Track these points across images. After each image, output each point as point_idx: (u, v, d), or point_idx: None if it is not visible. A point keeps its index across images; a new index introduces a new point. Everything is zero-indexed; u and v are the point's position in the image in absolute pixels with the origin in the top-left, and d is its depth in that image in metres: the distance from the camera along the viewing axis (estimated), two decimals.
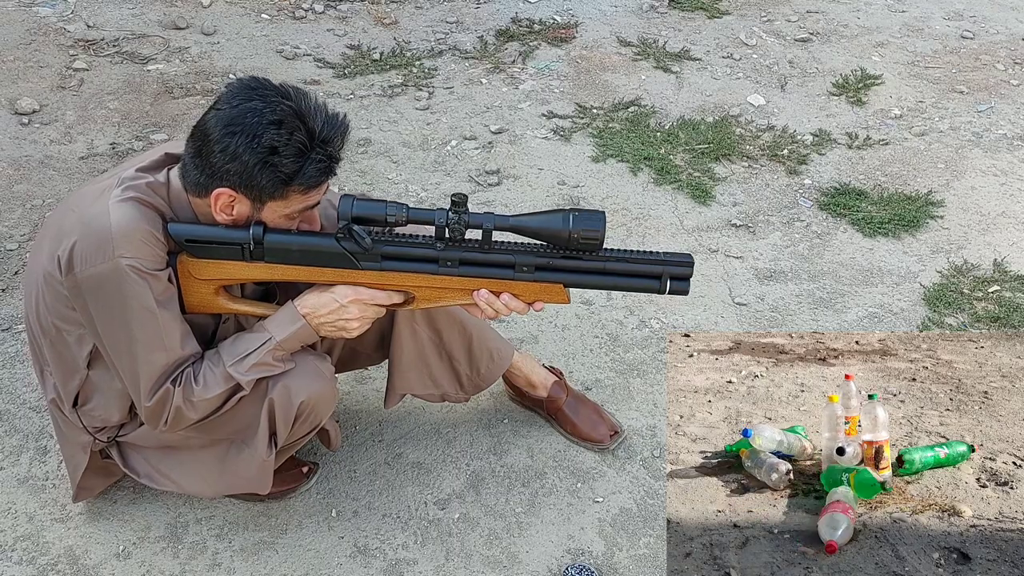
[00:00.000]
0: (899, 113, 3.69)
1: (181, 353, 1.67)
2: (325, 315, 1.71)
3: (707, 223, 3.06)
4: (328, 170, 1.58)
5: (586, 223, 1.57)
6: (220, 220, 1.62)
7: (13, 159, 3.10)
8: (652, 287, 1.65)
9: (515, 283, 1.67)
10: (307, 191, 1.59)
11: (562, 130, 3.47)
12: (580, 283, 1.67)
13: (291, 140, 1.52)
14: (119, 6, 4.03)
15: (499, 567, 2.00)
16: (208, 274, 1.66)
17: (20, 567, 1.93)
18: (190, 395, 1.67)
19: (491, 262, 1.66)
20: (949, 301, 2.78)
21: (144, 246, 1.58)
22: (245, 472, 1.84)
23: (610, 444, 2.24)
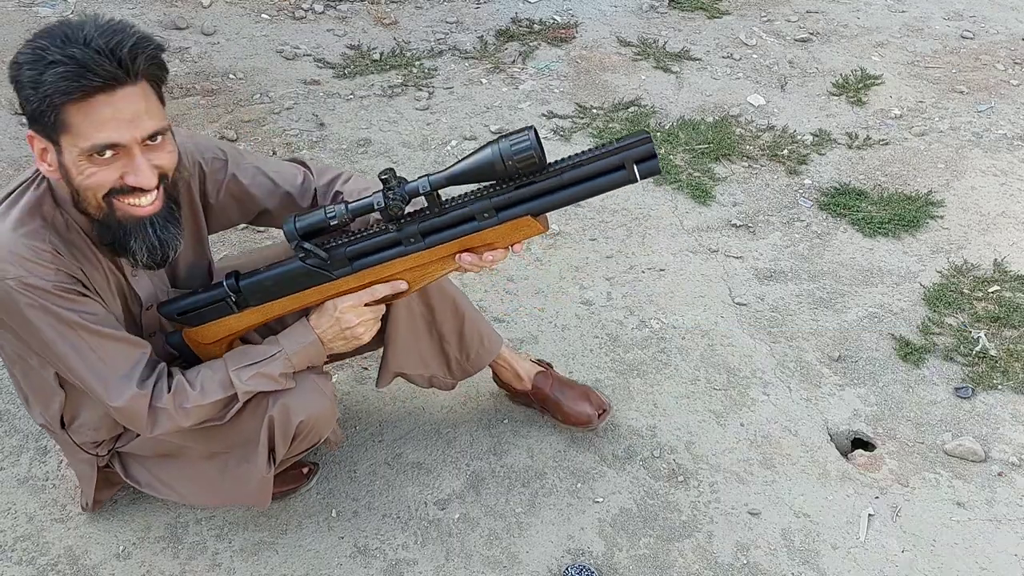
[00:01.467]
0: (899, 113, 3.69)
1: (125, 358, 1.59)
2: (329, 329, 1.70)
3: (707, 223, 3.06)
4: (73, 74, 1.34)
5: (515, 144, 1.47)
6: (46, 173, 1.48)
7: (13, 159, 3.09)
8: (622, 179, 1.52)
9: (484, 232, 1.58)
10: (75, 106, 1.36)
11: (562, 130, 3.47)
12: (547, 205, 1.56)
13: (32, 47, 1.37)
14: (119, 6, 4.03)
15: (499, 567, 2.00)
16: (212, 336, 1.73)
17: (20, 567, 1.93)
18: (183, 401, 1.62)
19: (451, 222, 1.59)
20: (949, 301, 2.78)
21: (33, 264, 1.48)
22: (244, 486, 1.83)
23: (598, 423, 2.23)
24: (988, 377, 2.53)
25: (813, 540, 2.10)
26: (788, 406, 2.43)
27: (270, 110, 3.45)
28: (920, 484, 2.25)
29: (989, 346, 2.61)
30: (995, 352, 2.59)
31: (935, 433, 2.38)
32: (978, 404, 2.46)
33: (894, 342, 2.64)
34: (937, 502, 2.20)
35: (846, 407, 2.44)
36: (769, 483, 2.22)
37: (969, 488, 2.24)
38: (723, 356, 2.56)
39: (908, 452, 2.33)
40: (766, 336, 2.64)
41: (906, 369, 2.56)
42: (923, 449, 2.34)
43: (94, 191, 1.46)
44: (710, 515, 2.14)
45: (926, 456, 2.32)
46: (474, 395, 2.38)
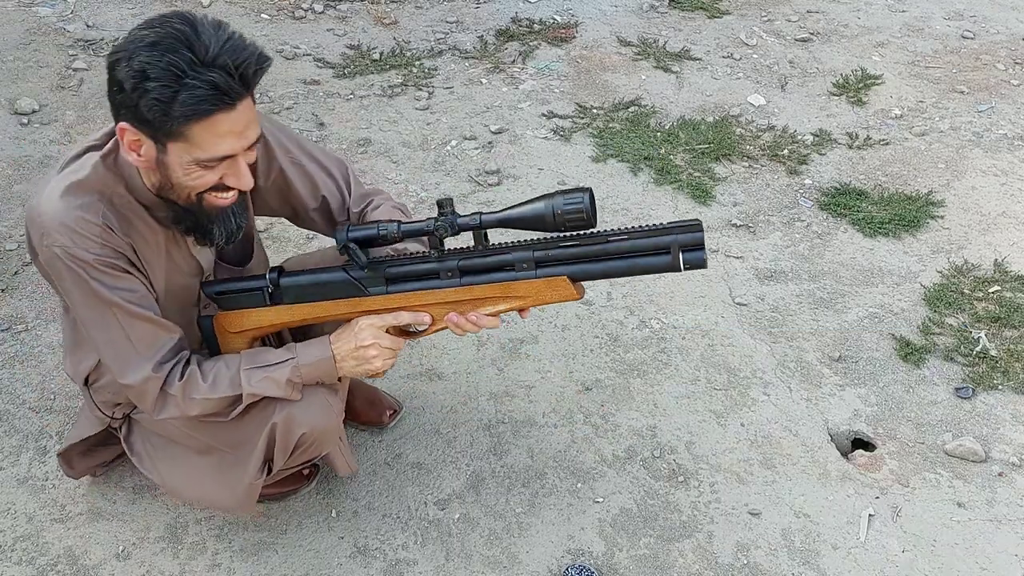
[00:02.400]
0: (899, 113, 3.68)
1: (150, 341, 1.62)
2: (344, 346, 1.69)
3: (707, 223, 3.06)
4: (214, 99, 1.39)
5: (568, 202, 1.51)
6: (134, 162, 1.51)
7: (13, 159, 3.09)
8: (665, 264, 1.54)
9: (518, 284, 1.61)
10: (199, 123, 1.41)
11: (562, 130, 3.46)
12: (586, 272, 1.59)
13: (162, 62, 1.37)
14: (119, 6, 4.02)
15: (499, 567, 2.00)
16: (238, 325, 1.74)
17: (20, 567, 1.93)
18: (192, 391, 1.64)
19: (490, 265, 1.63)
20: (949, 301, 2.78)
21: (79, 236, 1.51)
22: (229, 489, 1.82)
23: (390, 422, 2.26)
24: (988, 377, 2.52)
25: (813, 540, 2.10)
26: (788, 406, 2.42)
27: (270, 110, 3.44)
28: (920, 484, 2.24)
29: (989, 346, 2.60)
30: (995, 352, 2.59)
31: (935, 433, 2.38)
32: (978, 404, 2.46)
33: (894, 342, 2.64)
34: (937, 502, 2.20)
35: (846, 407, 2.44)
36: (769, 483, 2.22)
37: (969, 488, 2.24)
38: (723, 356, 2.56)
39: (908, 452, 2.33)
40: (766, 336, 2.64)
41: (906, 369, 2.56)
42: (923, 449, 2.34)
43: (194, 189, 1.52)
44: (710, 515, 2.14)
45: (926, 456, 2.32)
46: (474, 395, 2.38)
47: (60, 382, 2.32)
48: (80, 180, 1.54)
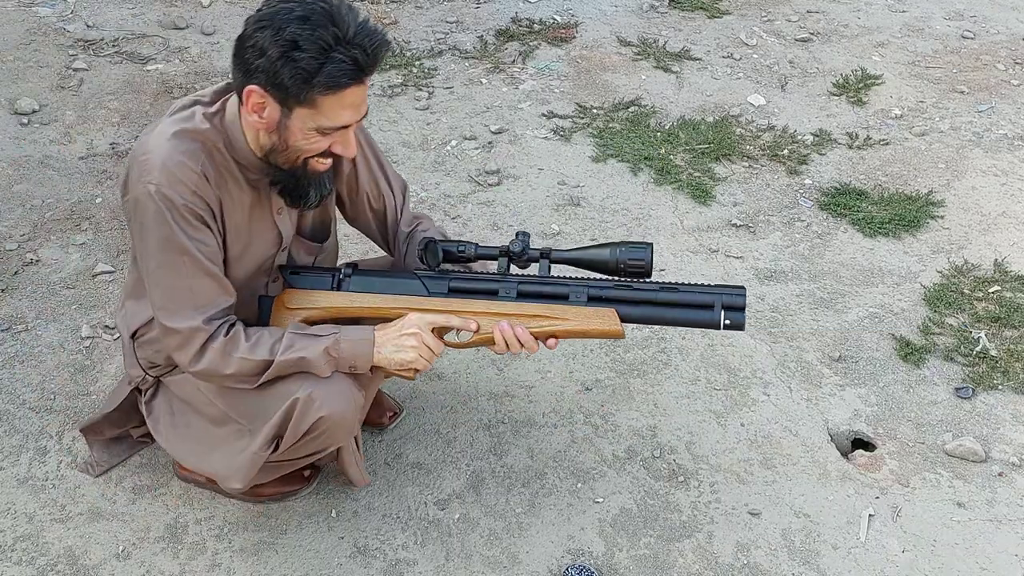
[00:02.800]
0: (899, 113, 3.68)
1: (209, 296, 1.68)
2: (389, 332, 1.74)
3: (707, 223, 3.06)
4: (353, 73, 1.52)
5: (631, 251, 1.70)
6: (253, 123, 1.61)
7: (13, 159, 3.09)
8: (707, 319, 1.69)
9: (569, 308, 1.73)
10: (333, 94, 1.53)
11: (562, 130, 3.46)
12: (633, 314, 1.73)
13: (314, 35, 1.49)
14: (119, 6, 4.03)
15: (499, 567, 2.00)
16: (296, 302, 1.80)
17: (20, 567, 1.93)
18: (233, 349, 1.68)
19: (545, 293, 1.76)
20: (949, 301, 2.78)
21: (176, 179, 1.59)
22: (231, 458, 1.84)
23: (389, 424, 2.28)
24: (988, 377, 2.52)
25: (813, 540, 2.10)
26: (788, 406, 2.42)
27: None
28: (920, 484, 2.24)
29: (989, 346, 2.60)
30: (995, 352, 2.59)
31: (935, 433, 2.38)
32: (978, 404, 2.46)
33: (894, 342, 2.64)
34: (937, 502, 2.20)
35: (846, 407, 2.44)
36: (769, 483, 2.22)
37: (969, 488, 2.24)
38: (723, 356, 2.56)
39: (908, 452, 2.33)
40: (766, 336, 2.64)
41: (906, 369, 2.56)
42: (923, 449, 2.34)
43: (305, 153, 1.63)
44: (710, 515, 2.14)
45: (926, 456, 2.32)
46: (474, 395, 2.38)
47: (60, 382, 2.33)
48: (188, 128, 1.64)
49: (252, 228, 1.77)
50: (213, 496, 2.08)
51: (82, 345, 2.43)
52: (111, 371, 2.36)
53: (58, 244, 2.75)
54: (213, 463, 1.88)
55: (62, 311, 2.53)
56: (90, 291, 2.60)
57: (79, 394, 2.30)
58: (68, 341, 2.44)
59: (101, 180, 3.03)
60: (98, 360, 2.39)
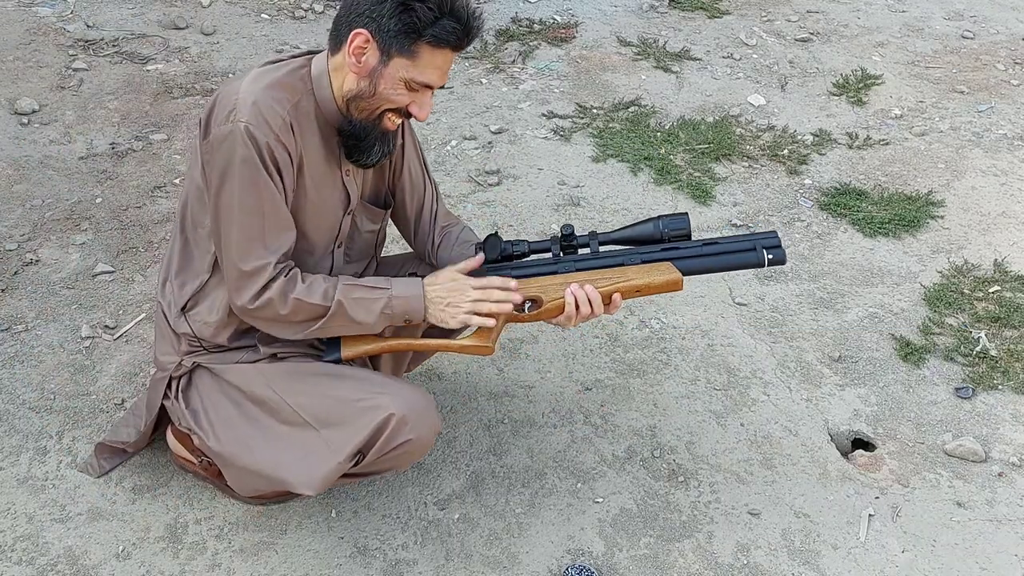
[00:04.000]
0: (899, 113, 3.69)
1: (280, 237, 1.71)
2: (439, 287, 1.78)
3: (707, 223, 3.06)
4: (459, 38, 1.62)
5: (673, 222, 1.83)
6: (348, 66, 1.67)
7: (13, 159, 3.09)
8: (752, 259, 1.82)
9: (628, 267, 1.83)
10: (434, 50, 1.62)
11: (562, 130, 3.46)
12: (686, 265, 1.83)
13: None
14: (119, 6, 4.03)
15: (499, 567, 2.00)
16: (356, 348, 1.81)
17: (20, 567, 1.93)
18: (291, 290, 1.71)
19: (602, 264, 1.86)
20: (949, 301, 2.78)
21: (265, 121, 1.64)
22: (310, 466, 1.77)
23: None
24: (988, 377, 2.52)
25: (813, 540, 2.10)
26: (788, 406, 2.42)
27: None
28: (920, 484, 2.24)
29: (989, 346, 2.60)
30: (995, 352, 2.59)
31: (935, 433, 2.38)
32: (978, 404, 2.46)
33: (894, 342, 2.64)
34: (937, 502, 2.20)
35: (846, 407, 2.44)
36: (769, 483, 2.22)
37: (969, 488, 2.24)
38: (723, 356, 2.56)
39: (908, 452, 2.33)
40: (766, 336, 2.64)
41: (906, 369, 2.56)
42: (923, 449, 2.34)
43: (386, 104, 1.70)
44: (710, 515, 2.14)
45: (926, 456, 2.32)
46: (474, 395, 2.38)
47: (60, 382, 2.33)
48: (280, 77, 1.69)
49: (325, 183, 1.80)
50: (213, 496, 2.08)
51: (82, 345, 2.43)
52: (111, 371, 2.36)
53: (58, 244, 2.75)
54: (282, 468, 1.80)
55: (62, 311, 2.53)
56: (90, 291, 2.60)
57: (79, 394, 2.30)
58: (68, 341, 2.44)
59: (101, 180, 3.03)
60: (98, 360, 2.39)
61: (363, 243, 1.97)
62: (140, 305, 2.56)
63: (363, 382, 1.80)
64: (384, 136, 1.77)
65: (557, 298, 1.81)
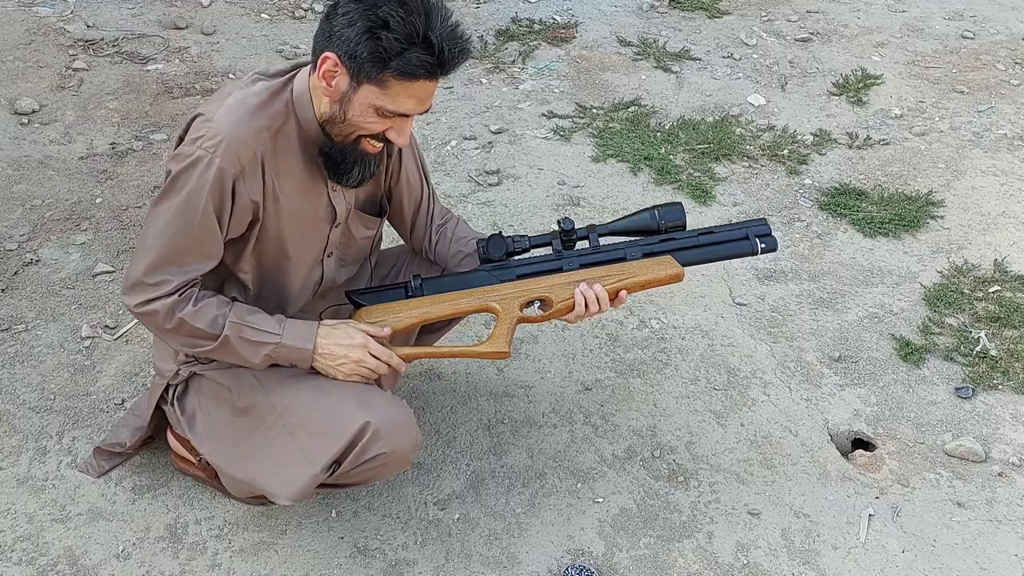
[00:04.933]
0: (899, 113, 3.68)
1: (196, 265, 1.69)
2: (334, 342, 1.77)
3: (707, 223, 3.05)
4: (430, 70, 1.56)
5: (669, 212, 1.90)
6: (320, 89, 1.64)
7: (13, 159, 3.09)
8: (746, 248, 1.90)
9: (630, 263, 1.89)
10: (404, 81, 1.57)
11: (562, 130, 3.46)
12: (685, 257, 1.91)
13: (405, 21, 1.52)
14: (119, 6, 4.02)
15: (499, 567, 2.00)
16: (378, 315, 1.86)
17: (20, 567, 1.93)
18: (179, 309, 1.68)
19: (605, 259, 1.91)
20: (949, 301, 2.78)
21: (232, 153, 1.61)
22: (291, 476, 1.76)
23: None
24: (988, 377, 2.52)
25: (813, 540, 2.10)
26: (788, 406, 2.42)
27: None
28: (920, 484, 2.24)
29: (989, 346, 2.60)
30: (995, 352, 2.59)
31: (935, 433, 2.38)
32: (978, 404, 2.46)
33: (894, 342, 2.64)
34: (937, 502, 2.20)
35: (846, 407, 2.44)
36: (769, 483, 2.22)
37: (969, 488, 2.24)
38: (723, 356, 2.56)
39: (908, 452, 2.33)
40: (766, 336, 2.64)
41: (906, 369, 2.56)
42: (923, 449, 2.34)
43: (360, 131, 1.67)
44: (710, 515, 2.14)
45: (926, 456, 2.32)
46: (474, 395, 2.38)
47: (60, 382, 2.33)
48: (261, 103, 1.67)
49: (307, 206, 1.78)
50: (213, 496, 2.08)
51: (82, 345, 2.43)
52: (111, 371, 2.36)
53: (58, 244, 2.75)
54: (261, 477, 1.81)
55: (62, 311, 2.53)
56: (90, 291, 2.60)
57: (79, 394, 2.30)
58: (68, 341, 2.44)
59: (101, 180, 3.03)
60: (98, 360, 2.39)
61: (358, 249, 1.98)
62: None
63: (348, 392, 1.78)
64: (364, 158, 1.73)
65: (566, 298, 1.86)
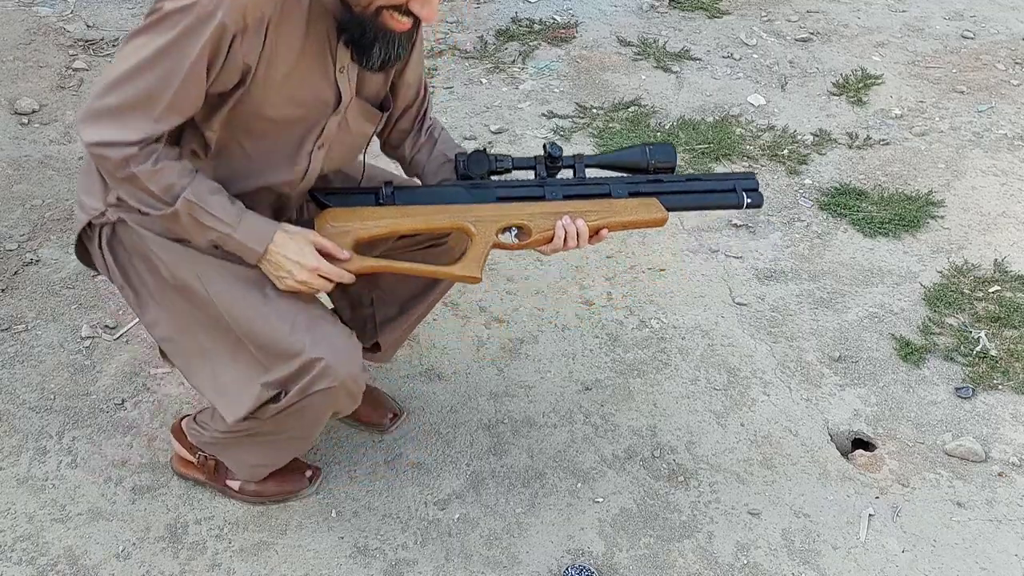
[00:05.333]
0: (899, 113, 3.68)
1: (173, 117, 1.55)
2: (286, 255, 1.65)
3: (707, 223, 3.06)
4: None
5: (660, 152, 1.85)
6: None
7: (13, 159, 3.09)
8: (732, 200, 1.86)
9: (616, 201, 1.83)
10: None
11: (562, 130, 3.46)
12: (671, 202, 1.85)
13: None
14: (119, 6, 4.02)
15: (499, 567, 2.00)
16: (342, 222, 1.74)
17: (20, 567, 1.93)
18: (137, 163, 1.54)
19: (589, 193, 1.84)
20: (949, 301, 2.78)
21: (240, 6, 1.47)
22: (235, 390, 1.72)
23: (389, 425, 2.25)
24: (988, 377, 2.52)
25: (813, 540, 2.10)
26: (788, 406, 2.42)
27: None
28: (920, 484, 2.24)
29: (990, 346, 2.60)
30: (995, 352, 2.59)
31: (935, 433, 2.38)
32: (978, 404, 2.46)
33: (894, 342, 2.64)
34: (937, 502, 2.20)
35: (846, 407, 2.44)
36: (769, 483, 2.22)
37: (969, 488, 2.24)
38: (723, 356, 2.56)
39: (908, 452, 2.33)
40: (766, 336, 2.64)
41: (906, 369, 2.56)
42: (923, 449, 2.34)
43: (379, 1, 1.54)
44: (710, 515, 2.14)
45: (926, 456, 2.32)
46: (474, 395, 2.38)
47: (60, 382, 2.33)
48: None
49: (307, 83, 1.65)
50: (213, 496, 2.08)
51: (82, 345, 2.43)
52: (111, 371, 2.36)
53: (58, 244, 2.75)
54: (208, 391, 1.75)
55: (62, 311, 2.53)
56: (90, 291, 2.60)
57: (79, 394, 2.30)
58: (68, 341, 2.44)
59: None
60: (98, 360, 2.39)
61: (349, 145, 1.83)
62: None
63: (295, 313, 1.68)
64: (386, 36, 1.59)
65: (546, 229, 1.79)
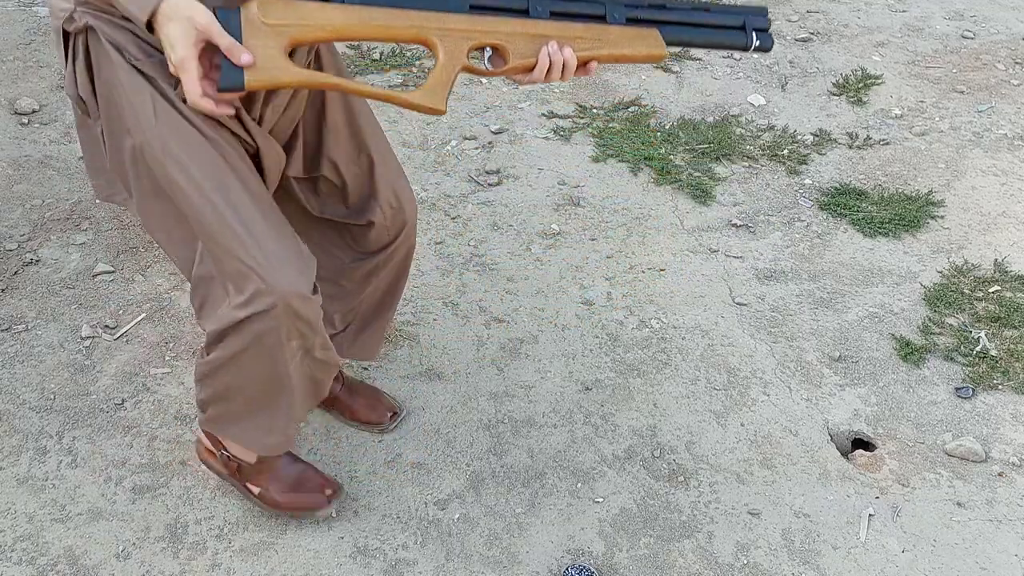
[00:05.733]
0: (899, 113, 3.68)
1: None
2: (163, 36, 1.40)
3: (707, 223, 3.06)
4: None
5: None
6: None
7: (13, 159, 3.09)
8: (739, 40, 1.65)
9: (610, 28, 1.59)
10: None
11: (562, 130, 3.46)
12: (672, 35, 1.64)
13: None
14: None
15: (499, 567, 2.00)
16: (278, 16, 1.44)
17: (20, 567, 1.93)
18: None
19: (582, 12, 1.59)
20: (949, 301, 2.78)
21: None
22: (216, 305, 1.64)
23: (389, 424, 2.24)
24: (989, 377, 2.52)
25: (813, 540, 2.10)
26: (788, 406, 2.42)
27: None
28: (920, 484, 2.25)
29: (990, 346, 2.61)
30: (995, 352, 2.59)
31: (935, 433, 2.38)
32: (978, 404, 2.46)
33: (894, 342, 2.64)
34: (937, 502, 2.20)
35: (846, 407, 2.44)
36: (769, 483, 2.22)
37: (969, 488, 2.24)
38: (723, 356, 2.56)
39: (908, 452, 2.33)
40: (766, 336, 2.64)
41: (906, 369, 2.56)
42: (923, 449, 2.34)
43: None
44: (710, 515, 2.14)
45: (926, 456, 2.32)
46: (474, 395, 2.38)
47: (60, 382, 2.33)
48: None
49: None
50: (213, 496, 2.08)
51: (82, 345, 2.43)
52: (111, 371, 2.36)
53: (58, 244, 2.75)
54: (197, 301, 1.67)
55: (62, 311, 2.53)
56: (90, 291, 2.60)
57: (79, 394, 2.30)
58: (68, 341, 2.44)
59: None
60: (98, 360, 2.40)
61: None
62: (140, 305, 2.56)
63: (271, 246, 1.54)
64: None
65: (528, 55, 1.54)
